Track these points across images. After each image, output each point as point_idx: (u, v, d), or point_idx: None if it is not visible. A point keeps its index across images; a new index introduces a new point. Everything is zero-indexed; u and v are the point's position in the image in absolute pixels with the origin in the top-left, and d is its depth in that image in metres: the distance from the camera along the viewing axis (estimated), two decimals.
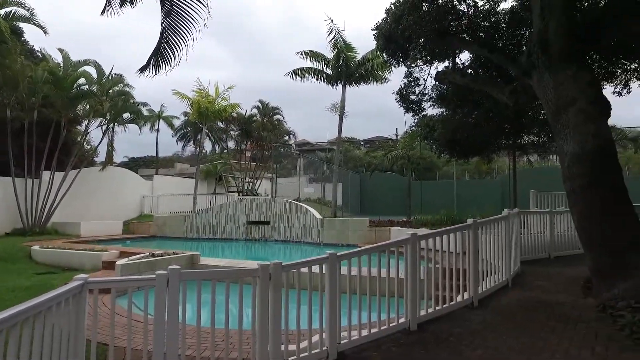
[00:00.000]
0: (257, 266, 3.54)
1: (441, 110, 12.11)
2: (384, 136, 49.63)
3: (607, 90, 10.57)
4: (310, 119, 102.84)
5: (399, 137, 36.76)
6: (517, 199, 12.84)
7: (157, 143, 37.05)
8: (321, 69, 20.01)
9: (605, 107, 5.42)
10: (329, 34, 18.99)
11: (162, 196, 23.31)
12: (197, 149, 29.21)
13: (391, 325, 4.47)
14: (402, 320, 4.61)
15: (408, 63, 10.05)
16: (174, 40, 5.80)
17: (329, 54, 19.59)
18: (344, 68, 19.00)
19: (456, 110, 11.13)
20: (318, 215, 15.94)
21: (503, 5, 9.86)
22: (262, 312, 3.49)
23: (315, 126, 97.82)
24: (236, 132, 30.38)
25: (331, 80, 19.85)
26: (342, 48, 18.94)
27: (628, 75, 10.19)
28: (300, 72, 20.16)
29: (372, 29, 10.21)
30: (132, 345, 3.36)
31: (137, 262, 8.75)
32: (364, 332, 4.24)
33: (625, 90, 10.27)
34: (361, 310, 4.32)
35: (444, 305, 5.10)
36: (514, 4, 9.72)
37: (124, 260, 8.71)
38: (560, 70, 5.63)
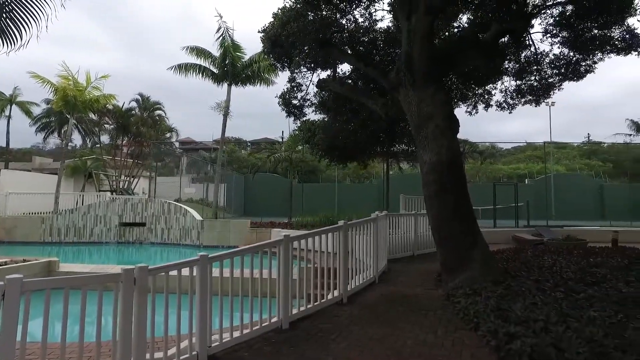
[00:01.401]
0: (120, 271, 3.30)
1: (323, 116, 12.70)
2: (271, 138, 49.97)
3: (462, 110, 12.25)
4: (196, 117, 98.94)
5: (284, 140, 37.35)
6: (389, 202, 14.05)
7: (7, 132, 31.87)
8: (207, 66, 19.43)
9: (456, 124, 6.30)
10: (217, 32, 18.58)
11: (13, 194, 20.08)
12: (63, 142, 25.89)
13: (264, 325, 4.55)
14: (274, 319, 4.73)
15: (292, 68, 10.33)
16: (19, 16, 5.04)
17: (216, 52, 19.16)
18: (230, 67, 18.72)
19: (336, 117, 11.76)
20: (198, 217, 15.41)
21: (381, 24, 10.72)
22: (125, 320, 3.26)
23: (201, 125, 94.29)
24: (111, 126, 27.71)
25: (217, 79, 19.40)
26: (230, 47, 18.65)
27: (476, 98, 11.94)
28: (184, 68, 19.31)
29: (259, 32, 10.26)
30: None
31: None
32: (236, 334, 4.24)
33: (474, 111, 12.01)
34: (233, 312, 4.32)
35: (316, 303, 5.35)
36: (390, 24, 10.64)
37: None
38: (422, 88, 6.37)
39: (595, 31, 10.01)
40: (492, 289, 5.36)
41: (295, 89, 10.65)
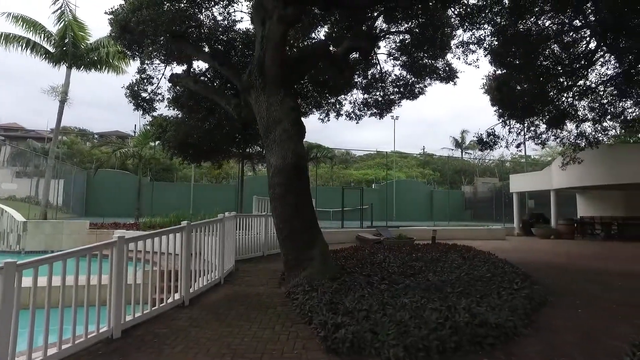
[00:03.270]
0: None
1: (177, 112, 12.11)
2: (123, 132, 45.70)
3: (315, 117, 12.99)
4: (29, 101, 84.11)
5: (136, 134, 34.44)
6: (244, 203, 14.10)
7: None
8: (39, 42, 16.62)
9: (302, 130, 6.68)
10: (55, 3, 16.06)
11: None
12: None
13: (90, 336, 4.14)
14: (104, 329, 4.34)
15: (143, 59, 9.62)
16: None
17: (53, 27, 16.56)
18: (71, 48, 16.44)
19: (191, 114, 11.34)
20: (19, 218, 13.15)
21: (241, 25, 10.75)
22: None
23: (36, 111, 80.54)
24: None
25: (53, 59, 16.75)
26: (71, 23, 16.36)
27: (329, 107, 12.81)
28: (4, 39, 15.88)
29: (106, 12, 9.31)
30: None
31: None
32: (52, 351, 3.76)
33: (327, 118, 12.86)
34: (52, 326, 3.82)
35: (154, 308, 5.10)
36: (250, 26, 10.73)
37: None
38: (273, 93, 6.60)
39: (426, 60, 11.75)
40: (329, 285, 5.82)
41: (145, 80, 9.94)
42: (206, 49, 10.04)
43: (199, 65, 11.44)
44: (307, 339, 4.39)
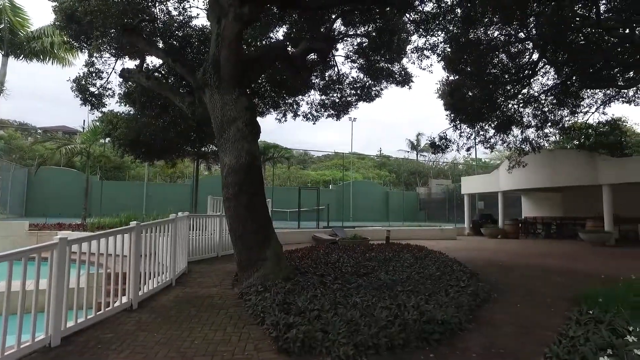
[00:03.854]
0: None
1: (129, 108, 11.66)
2: (70, 127, 43.30)
3: (273, 117, 12.96)
4: None
5: (85, 130, 32.75)
6: (198, 203, 13.79)
7: None
8: None
9: (257, 129, 6.64)
10: None
11: None
12: None
13: (23, 346, 3.87)
14: (41, 337, 4.09)
15: (91, 51, 9.19)
16: None
17: None
18: (7, 34, 15.36)
19: (144, 111, 10.96)
20: None
21: (197, 22, 10.53)
22: None
23: None
24: None
25: None
26: (6, 8, 15.27)
27: (286, 107, 12.82)
28: None
29: None
30: None
31: None
32: None
33: (284, 119, 12.86)
34: None
35: (99, 312, 4.88)
36: (206, 23, 10.52)
37: None
38: (227, 92, 6.51)
39: (383, 64, 12.04)
40: (282, 285, 5.82)
41: (94, 74, 9.50)
42: (160, 45, 9.75)
43: (153, 60, 11.09)
44: (259, 339, 4.37)
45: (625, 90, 13.38)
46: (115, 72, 9.57)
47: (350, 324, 4.23)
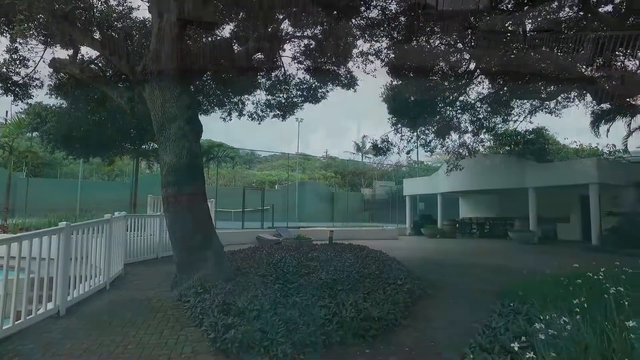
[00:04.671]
0: None
1: (61, 101, 10.94)
2: None
3: (217, 115, 12.73)
4: None
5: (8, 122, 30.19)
6: (137, 203, 13.21)
7: None
8: None
9: (199, 128, 6.51)
10: None
11: None
12: None
13: None
14: None
15: (15, 37, 8.51)
16: None
17: None
18: None
19: (77, 105, 10.33)
20: None
21: (137, 14, 10.10)
22: None
23: None
24: None
25: None
26: None
27: (232, 106, 12.65)
28: None
29: None
30: None
31: None
32: None
33: (229, 118, 12.66)
34: None
35: (19, 322, 4.50)
36: (148, 16, 10.12)
37: None
38: (169, 89, 6.32)
39: (329, 66, 12.23)
40: (222, 286, 5.74)
41: (18, 62, 8.80)
42: (97, 35, 9.23)
43: (89, 52, 10.48)
44: (197, 342, 4.31)
45: (548, 102, 14.57)
46: (44, 62, 8.93)
47: (289, 323, 4.28)
